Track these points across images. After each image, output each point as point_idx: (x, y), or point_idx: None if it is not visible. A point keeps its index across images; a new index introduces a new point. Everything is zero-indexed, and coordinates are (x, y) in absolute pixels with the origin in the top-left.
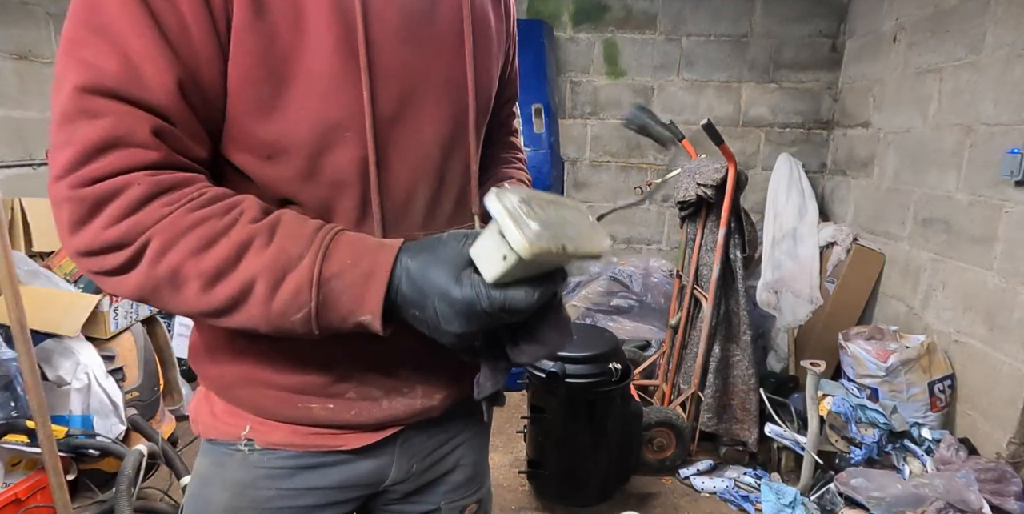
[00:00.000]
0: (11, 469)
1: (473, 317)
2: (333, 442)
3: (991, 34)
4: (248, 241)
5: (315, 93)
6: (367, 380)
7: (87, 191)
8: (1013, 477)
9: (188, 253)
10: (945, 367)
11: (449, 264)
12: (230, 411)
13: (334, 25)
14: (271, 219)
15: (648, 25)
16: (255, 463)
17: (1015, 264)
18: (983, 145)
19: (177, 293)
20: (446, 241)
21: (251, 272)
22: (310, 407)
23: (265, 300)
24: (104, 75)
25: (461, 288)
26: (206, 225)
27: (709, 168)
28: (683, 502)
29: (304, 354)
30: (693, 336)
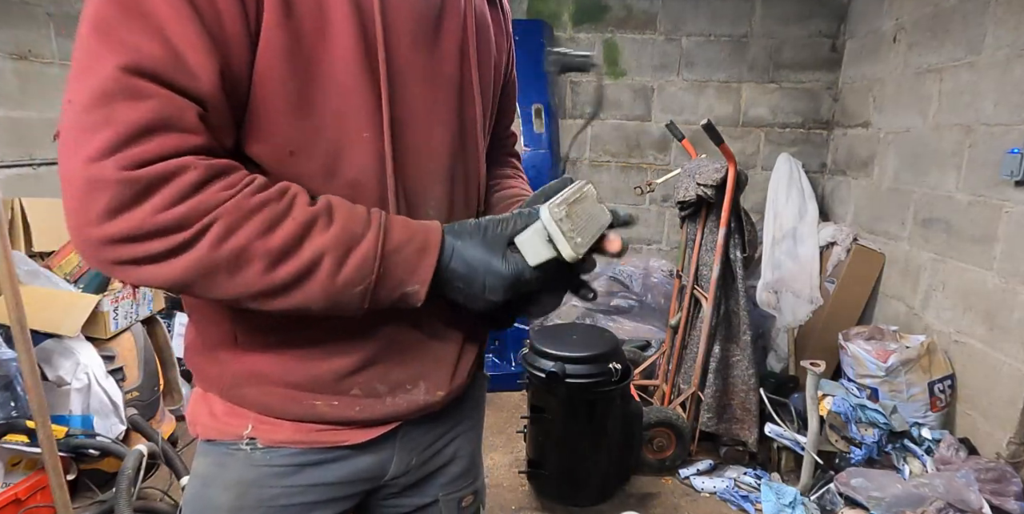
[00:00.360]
0: (11, 469)
1: (511, 289)
2: (336, 438)
3: (991, 34)
4: (311, 221)
5: (337, 93)
6: (373, 377)
7: (140, 173)
8: (1013, 477)
9: (256, 234)
10: (945, 367)
11: (496, 246)
12: (231, 411)
13: (354, 29)
14: (324, 201)
15: (648, 25)
16: (258, 462)
17: (1015, 264)
18: (983, 145)
19: (235, 274)
20: (487, 226)
21: (317, 249)
22: (315, 404)
23: (331, 274)
24: (148, 57)
25: (508, 266)
26: (269, 208)
27: (709, 168)
28: (683, 502)
29: (311, 351)
30: (693, 336)
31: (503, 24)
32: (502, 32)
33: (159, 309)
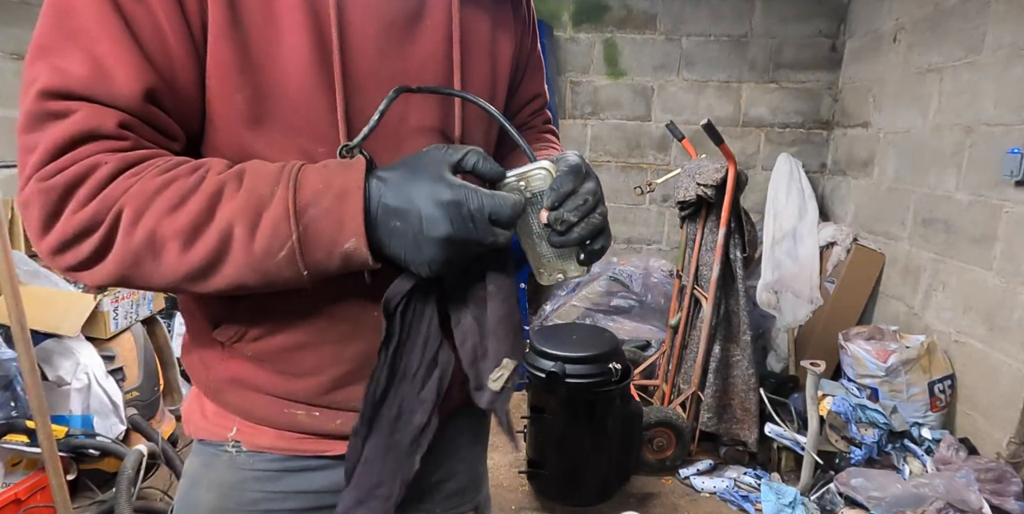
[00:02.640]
0: (11, 469)
1: (459, 221)
2: (318, 447)
3: (991, 34)
4: (219, 190)
5: (290, 107)
6: (352, 395)
7: (54, 181)
8: (1013, 477)
9: (162, 214)
10: (945, 367)
11: (436, 167)
12: (219, 412)
13: (308, 37)
14: (237, 168)
15: (648, 25)
16: (241, 465)
17: (1015, 264)
18: (983, 145)
19: (159, 260)
20: (425, 151)
21: (227, 219)
22: (296, 414)
23: (246, 244)
24: (72, 79)
25: (451, 186)
26: (175, 185)
27: (709, 168)
28: (683, 502)
29: (288, 367)
30: (693, 336)
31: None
32: (511, 18)
33: (159, 309)
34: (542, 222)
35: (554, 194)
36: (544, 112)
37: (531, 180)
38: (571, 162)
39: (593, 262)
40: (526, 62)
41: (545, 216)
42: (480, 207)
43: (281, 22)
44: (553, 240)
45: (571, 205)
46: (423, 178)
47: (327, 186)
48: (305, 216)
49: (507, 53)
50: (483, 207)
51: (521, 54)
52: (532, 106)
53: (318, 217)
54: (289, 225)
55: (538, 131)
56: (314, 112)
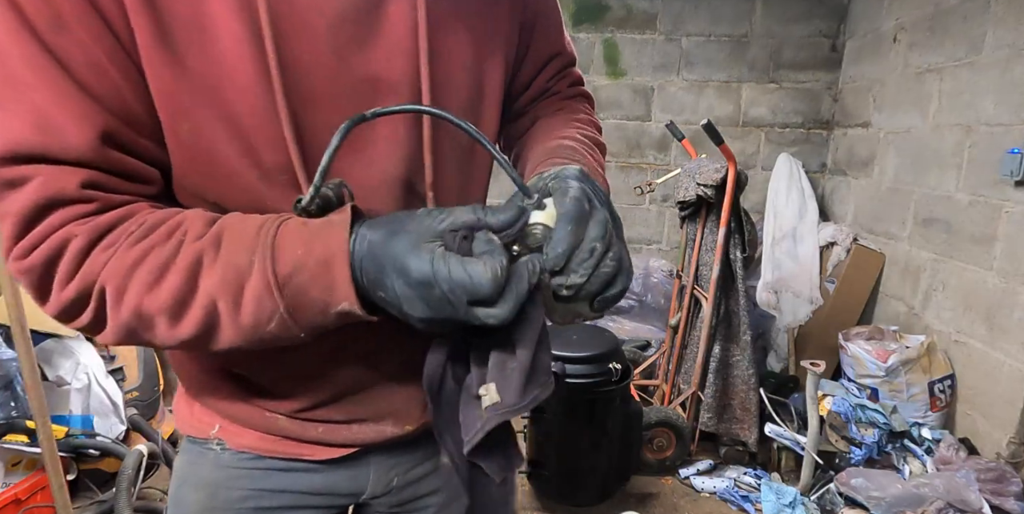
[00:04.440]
0: (11, 469)
1: (435, 302)
2: (300, 451)
3: (991, 34)
4: (197, 261)
5: (241, 134)
6: (332, 413)
7: (31, 260)
8: (1013, 477)
9: (143, 290)
10: (945, 367)
11: (413, 234)
12: (203, 410)
13: (247, 45)
14: (215, 230)
15: (648, 25)
16: (226, 463)
17: (1015, 264)
18: (983, 145)
19: (152, 331)
20: (418, 214)
21: (209, 294)
22: (277, 418)
23: (232, 318)
24: (19, 139)
25: (419, 258)
26: (152, 257)
27: (709, 168)
28: (683, 502)
29: (274, 386)
30: (693, 336)
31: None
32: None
33: None
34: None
35: (552, 259)
36: (570, 73)
37: (529, 238)
38: (569, 206)
39: (609, 308)
40: (532, 21)
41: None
42: (452, 288)
43: (217, 31)
44: (558, 301)
45: (575, 264)
46: (397, 247)
47: (308, 252)
48: (289, 286)
49: (501, 25)
50: (455, 288)
51: (525, 15)
52: (550, 69)
53: (304, 286)
54: (273, 298)
55: (564, 97)
56: (267, 137)
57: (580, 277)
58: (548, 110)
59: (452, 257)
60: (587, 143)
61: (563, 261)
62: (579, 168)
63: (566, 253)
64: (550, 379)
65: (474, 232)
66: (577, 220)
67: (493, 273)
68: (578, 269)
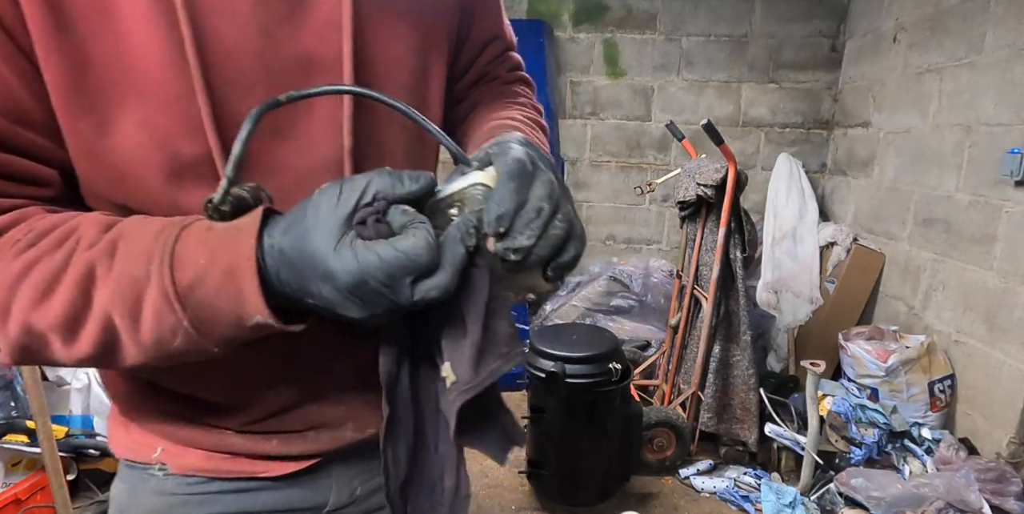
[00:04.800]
0: (11, 469)
1: (370, 299)
2: (253, 468)
3: (991, 34)
4: (89, 272)
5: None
6: (289, 417)
7: None
8: (1013, 477)
9: (30, 305)
10: (945, 367)
11: (325, 233)
12: (141, 431)
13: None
14: (111, 237)
15: (648, 25)
16: (171, 490)
17: (1015, 264)
18: (983, 145)
19: (47, 350)
20: (317, 202)
21: (102, 310)
22: (226, 434)
23: (132, 334)
24: None
25: (341, 259)
26: (39, 268)
27: (709, 168)
28: (683, 502)
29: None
30: (693, 336)
31: None
32: None
33: None
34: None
35: (495, 220)
36: (509, 57)
37: (466, 202)
38: (510, 165)
39: (564, 276)
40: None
41: (491, 243)
42: (389, 276)
43: (122, 13)
44: (507, 268)
45: (520, 225)
46: (311, 252)
47: (212, 260)
48: (191, 299)
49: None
50: (393, 272)
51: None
52: (488, 53)
53: (208, 299)
54: (174, 311)
55: (504, 82)
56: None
57: (527, 239)
58: (488, 95)
59: (375, 244)
60: (528, 123)
61: (507, 222)
62: (520, 135)
63: (510, 212)
64: (512, 350)
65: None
66: (520, 178)
67: (424, 240)
68: (524, 230)
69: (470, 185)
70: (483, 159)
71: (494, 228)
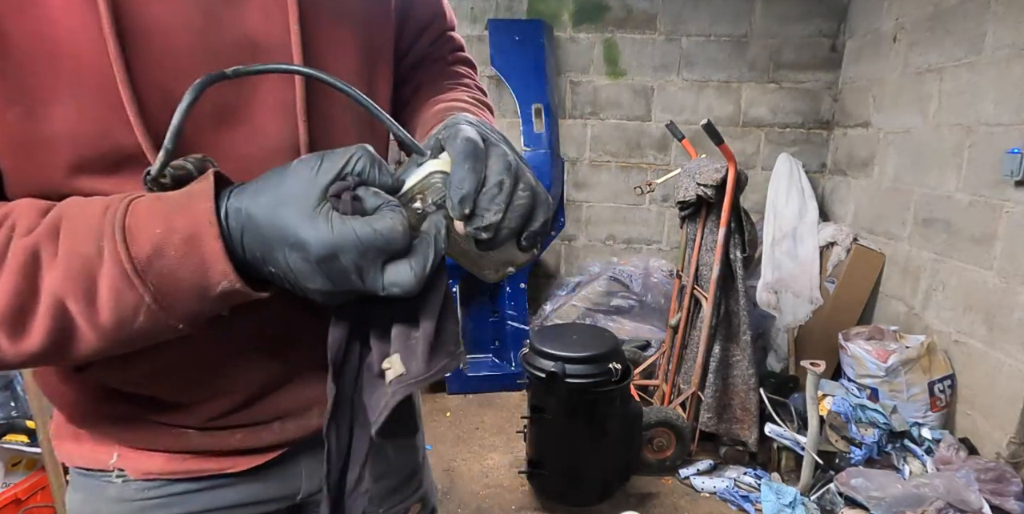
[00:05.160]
0: (11, 469)
1: (338, 275)
2: (219, 466)
3: (991, 34)
4: (32, 258)
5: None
6: (254, 408)
7: None
8: (1013, 477)
9: None
10: (945, 367)
11: (300, 200)
12: (93, 438)
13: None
14: (51, 219)
15: (648, 25)
16: (131, 496)
17: (1015, 264)
18: (983, 145)
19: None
20: (296, 169)
21: (53, 294)
22: (186, 433)
23: (89, 319)
24: None
25: (316, 228)
26: None
27: (709, 168)
28: (683, 502)
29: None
30: (693, 336)
31: None
32: None
33: None
34: (459, 232)
35: (458, 203)
36: (450, 38)
37: (428, 191)
38: (462, 146)
39: (539, 244)
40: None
41: (460, 227)
42: (361, 254)
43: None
44: (482, 247)
45: (485, 202)
46: (284, 218)
47: (168, 229)
48: (151, 272)
49: None
50: (367, 249)
51: None
52: (430, 34)
53: (170, 269)
54: (134, 287)
55: (446, 63)
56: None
57: (495, 214)
58: (430, 76)
59: (352, 219)
60: (475, 103)
61: (471, 203)
62: (467, 115)
63: (471, 193)
64: (459, 350)
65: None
66: (474, 157)
67: (401, 224)
68: (490, 207)
69: (427, 175)
70: (435, 146)
71: (459, 211)
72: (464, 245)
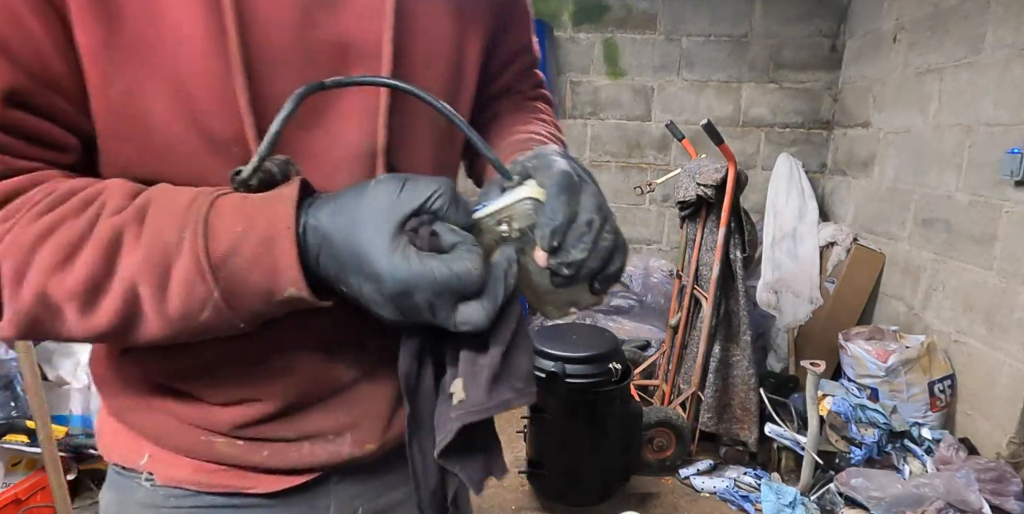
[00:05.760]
0: (11, 469)
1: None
2: (244, 483)
3: (991, 34)
4: (115, 238)
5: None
6: (284, 423)
7: None
8: (1013, 477)
9: (49, 271)
10: (945, 367)
11: (378, 226)
12: (129, 434)
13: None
14: (140, 203)
15: (648, 25)
16: (158, 502)
17: (1015, 264)
18: (983, 145)
19: (59, 322)
20: (374, 193)
21: (129, 277)
22: (213, 442)
23: (157, 306)
24: None
25: (393, 265)
26: (60, 232)
27: (709, 168)
28: (683, 502)
29: (211, 391)
30: (693, 336)
31: None
32: None
33: None
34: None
35: (549, 234)
36: (534, 74)
37: (515, 218)
38: (559, 178)
39: (609, 288)
40: (508, 6)
41: (542, 259)
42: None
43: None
44: (557, 282)
45: (573, 239)
46: (361, 246)
47: (249, 228)
48: (224, 269)
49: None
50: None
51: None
52: (518, 65)
53: (242, 269)
54: (206, 282)
55: (526, 97)
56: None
57: (580, 252)
58: (510, 107)
59: (429, 257)
60: (554, 139)
61: (560, 236)
62: (558, 148)
63: (563, 226)
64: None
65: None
66: (570, 191)
67: (478, 267)
68: (577, 244)
69: (520, 199)
70: (521, 172)
71: (548, 243)
72: (535, 278)
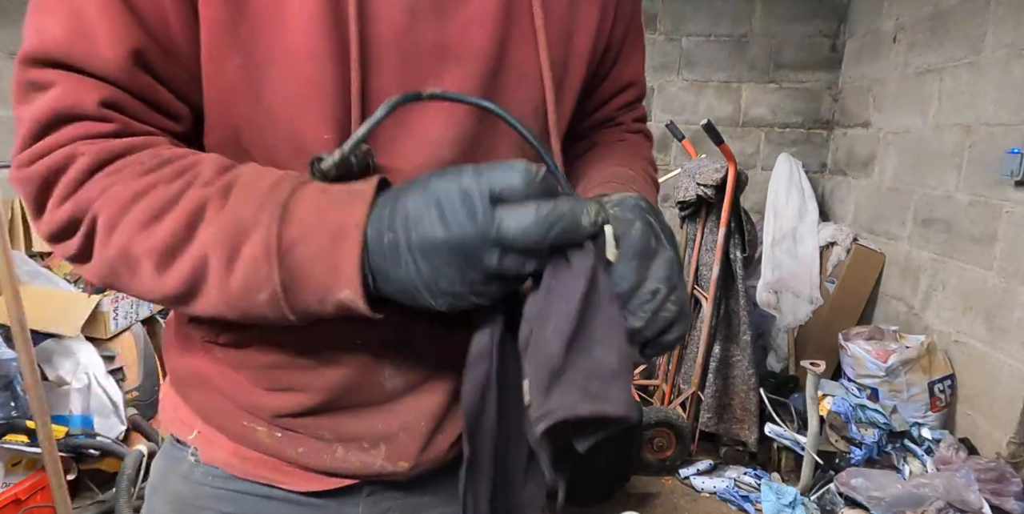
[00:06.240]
0: (11, 469)
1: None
2: (273, 475)
3: (991, 34)
4: (200, 207)
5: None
6: (320, 424)
7: (33, 169)
8: (1013, 477)
9: (136, 228)
10: (945, 367)
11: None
12: (183, 407)
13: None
14: (228, 178)
15: (648, 25)
16: (198, 479)
17: (1015, 264)
18: (983, 145)
19: (135, 276)
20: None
21: (203, 246)
22: (255, 429)
23: (221, 278)
24: (51, 42)
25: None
26: (154, 193)
27: (709, 168)
28: (683, 502)
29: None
30: (693, 336)
31: None
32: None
33: (159, 309)
34: None
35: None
36: (638, 107)
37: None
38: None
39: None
40: (622, 35)
41: None
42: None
43: None
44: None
45: (634, 306)
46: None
47: (321, 220)
48: (290, 255)
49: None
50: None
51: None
52: (623, 97)
53: (306, 259)
54: (270, 264)
55: (627, 130)
56: (321, 89)
57: (638, 320)
58: (609, 138)
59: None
60: (647, 179)
61: (625, 300)
62: (644, 197)
63: (627, 294)
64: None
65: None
66: (643, 256)
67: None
68: (637, 311)
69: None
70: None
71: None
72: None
